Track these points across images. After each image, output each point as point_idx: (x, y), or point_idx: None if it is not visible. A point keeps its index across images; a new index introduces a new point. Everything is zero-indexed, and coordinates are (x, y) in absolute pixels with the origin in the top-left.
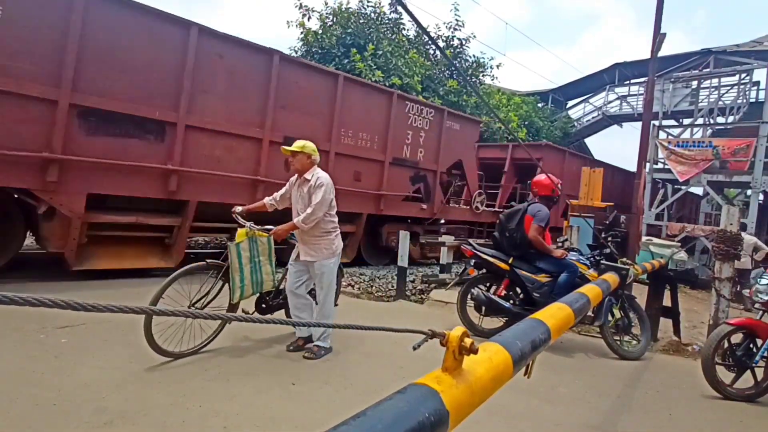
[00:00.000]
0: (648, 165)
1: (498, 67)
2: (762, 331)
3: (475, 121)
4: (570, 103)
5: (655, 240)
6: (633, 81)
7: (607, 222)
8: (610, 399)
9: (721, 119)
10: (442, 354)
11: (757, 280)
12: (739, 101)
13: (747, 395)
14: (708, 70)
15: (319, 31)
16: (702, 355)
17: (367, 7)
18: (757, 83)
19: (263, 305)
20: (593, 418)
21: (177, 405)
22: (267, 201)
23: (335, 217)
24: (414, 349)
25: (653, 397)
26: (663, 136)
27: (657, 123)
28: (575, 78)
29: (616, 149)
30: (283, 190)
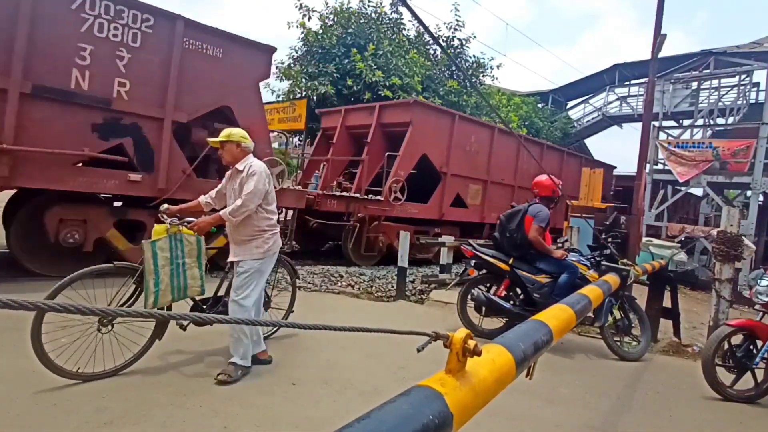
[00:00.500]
0: (648, 166)
1: (498, 67)
2: (762, 333)
3: (254, 46)
4: (570, 103)
5: (655, 241)
6: (633, 82)
7: (607, 223)
8: (610, 400)
9: (721, 120)
10: (442, 354)
11: (757, 281)
12: (739, 102)
13: (747, 396)
14: (708, 71)
15: (320, 31)
16: (702, 356)
17: (368, 7)
18: (757, 84)
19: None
20: (593, 418)
21: (177, 405)
22: (202, 200)
23: (274, 214)
24: (418, 351)
25: (653, 398)
26: (663, 136)
27: (657, 124)
28: (575, 78)
29: (616, 150)
30: (220, 186)
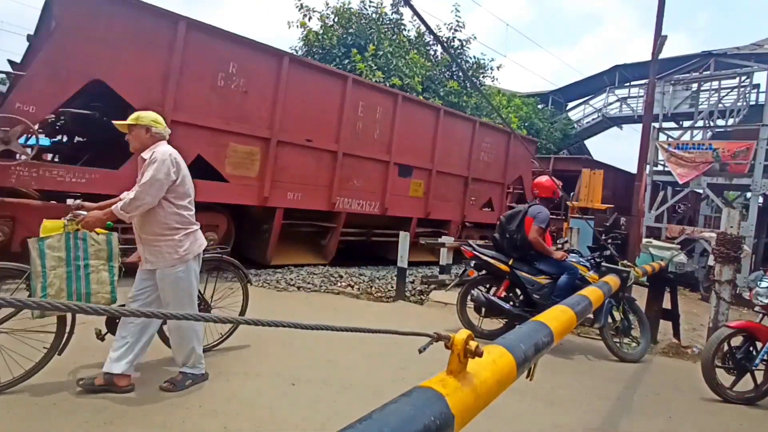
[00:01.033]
0: (648, 167)
1: (498, 68)
2: (762, 334)
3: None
4: (570, 104)
5: (655, 242)
6: (633, 83)
7: (607, 224)
8: (609, 401)
9: (721, 122)
10: (442, 355)
11: (757, 282)
12: (739, 104)
13: (747, 398)
14: (708, 72)
15: (320, 31)
16: (702, 357)
17: (369, 7)
18: (757, 86)
19: (117, 321)
20: (593, 420)
21: (176, 405)
22: (124, 195)
23: (189, 210)
24: (420, 352)
25: (653, 400)
26: (663, 138)
27: (657, 125)
28: (575, 79)
29: (616, 151)
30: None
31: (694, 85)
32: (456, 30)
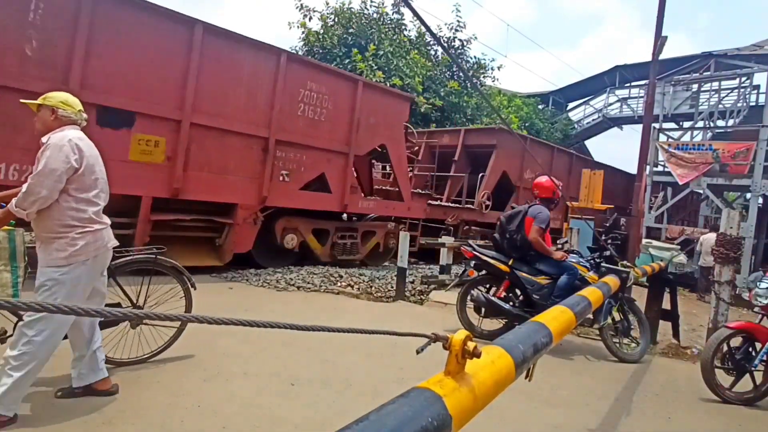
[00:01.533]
0: (648, 167)
1: (499, 68)
2: (761, 335)
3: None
4: (570, 105)
5: (655, 243)
6: (633, 83)
7: (607, 224)
8: (609, 402)
9: (721, 122)
10: (442, 354)
11: (756, 283)
12: (740, 105)
13: (746, 399)
14: (708, 73)
15: (320, 31)
16: (701, 358)
17: (370, 7)
18: (757, 87)
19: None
20: (592, 420)
21: (175, 405)
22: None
23: (92, 205)
24: (417, 352)
25: (652, 400)
26: (663, 138)
27: (657, 126)
28: (576, 80)
29: (616, 151)
30: None
31: (695, 86)
32: (457, 30)
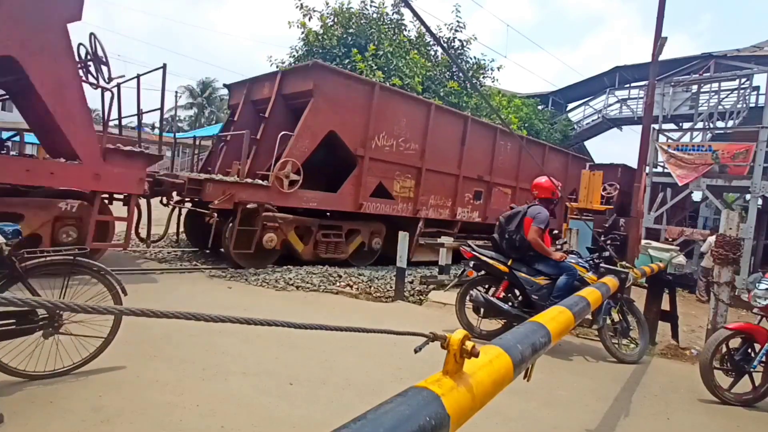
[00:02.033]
0: (648, 168)
1: (499, 69)
2: (760, 336)
3: None
4: (570, 105)
5: (654, 243)
6: (633, 84)
7: (606, 225)
8: (607, 402)
9: (720, 124)
10: (441, 354)
11: (756, 284)
12: (739, 106)
13: (745, 400)
14: (708, 74)
15: (320, 31)
16: (700, 359)
17: (370, 7)
18: (757, 88)
19: None
20: (591, 421)
21: (174, 404)
22: None
23: None
24: (415, 352)
25: (651, 401)
26: (663, 139)
27: (657, 126)
28: (576, 81)
29: (615, 152)
30: None
31: (694, 87)
32: (457, 30)
